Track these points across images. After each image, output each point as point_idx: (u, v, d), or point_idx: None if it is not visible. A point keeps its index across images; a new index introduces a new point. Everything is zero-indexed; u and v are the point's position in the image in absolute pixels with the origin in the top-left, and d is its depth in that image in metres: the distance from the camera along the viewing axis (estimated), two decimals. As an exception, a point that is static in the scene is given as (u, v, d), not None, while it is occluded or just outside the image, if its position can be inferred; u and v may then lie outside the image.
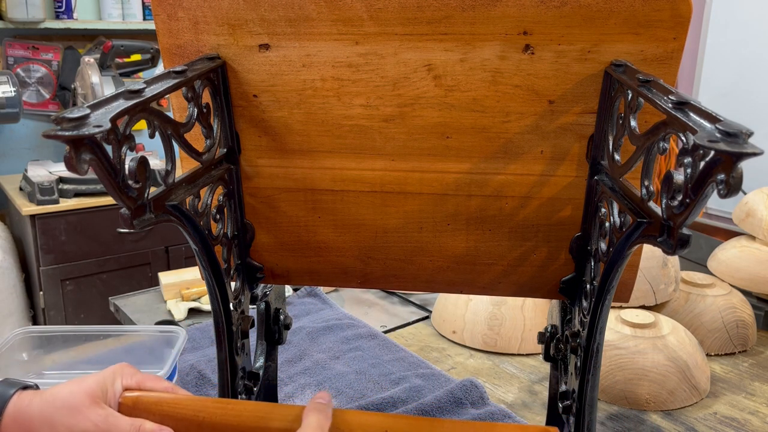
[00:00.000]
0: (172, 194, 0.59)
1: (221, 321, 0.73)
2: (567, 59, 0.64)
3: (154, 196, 0.55)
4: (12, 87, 2.21)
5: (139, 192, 0.52)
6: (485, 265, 0.76)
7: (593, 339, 0.67)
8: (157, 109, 0.55)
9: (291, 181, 0.74)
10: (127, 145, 0.49)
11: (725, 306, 1.20)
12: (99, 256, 2.43)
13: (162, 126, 0.57)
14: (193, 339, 1.25)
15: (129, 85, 0.53)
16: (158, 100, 0.55)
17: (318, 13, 0.65)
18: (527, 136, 0.68)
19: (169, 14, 0.67)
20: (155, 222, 0.55)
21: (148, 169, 0.53)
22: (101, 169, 0.47)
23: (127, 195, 0.51)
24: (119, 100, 0.50)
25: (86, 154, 0.44)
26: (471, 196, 0.72)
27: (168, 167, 0.58)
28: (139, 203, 0.52)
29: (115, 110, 0.48)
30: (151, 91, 0.54)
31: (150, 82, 0.56)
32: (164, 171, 0.58)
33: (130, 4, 2.68)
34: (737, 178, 0.41)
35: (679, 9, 0.61)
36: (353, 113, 0.69)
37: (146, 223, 0.54)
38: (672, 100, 0.50)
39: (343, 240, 0.77)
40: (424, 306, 1.42)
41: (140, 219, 0.53)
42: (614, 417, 1.01)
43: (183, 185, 0.62)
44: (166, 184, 0.58)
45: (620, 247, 0.59)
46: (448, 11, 0.64)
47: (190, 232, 0.63)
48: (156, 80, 0.58)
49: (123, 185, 0.50)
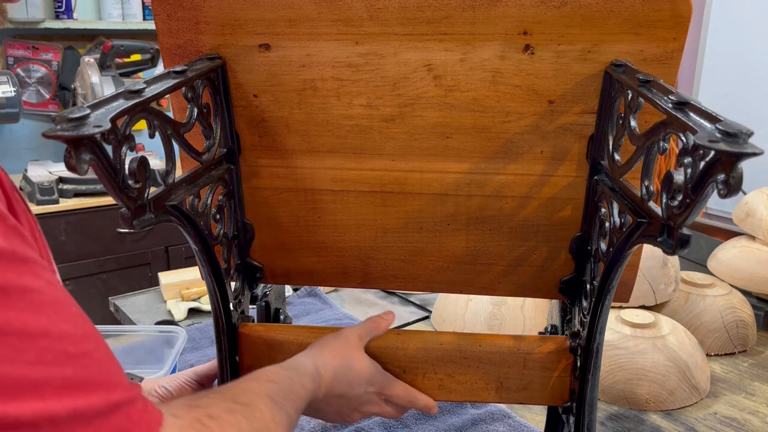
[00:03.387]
0: (171, 194, 0.59)
1: (221, 321, 0.73)
2: (567, 59, 0.64)
3: (153, 196, 0.55)
4: (12, 87, 2.21)
5: (139, 192, 0.52)
6: (485, 265, 0.76)
7: (593, 339, 0.67)
8: (156, 109, 0.55)
9: (291, 181, 0.74)
10: (127, 145, 0.49)
11: (725, 306, 1.20)
12: (99, 256, 2.42)
13: (162, 126, 0.57)
14: (193, 339, 1.24)
15: (129, 85, 0.53)
16: (158, 100, 0.55)
17: (318, 13, 0.65)
18: (527, 136, 0.68)
19: (169, 14, 0.67)
20: (155, 222, 0.55)
21: (148, 169, 0.53)
22: (101, 169, 0.47)
23: (127, 195, 0.51)
24: (119, 100, 0.50)
25: (86, 154, 0.44)
26: (471, 196, 0.72)
27: (168, 167, 0.58)
28: (139, 203, 0.52)
29: (115, 110, 0.48)
30: (151, 91, 0.54)
31: (150, 82, 0.56)
32: (164, 171, 0.58)
33: (130, 4, 2.68)
34: (737, 178, 0.41)
35: (679, 9, 0.61)
36: (353, 113, 0.69)
37: (146, 223, 0.54)
38: (672, 100, 0.50)
39: (343, 240, 0.77)
40: (424, 306, 1.42)
41: (140, 219, 0.53)
42: (614, 417, 1.01)
43: (183, 185, 0.62)
44: (166, 184, 0.58)
45: (620, 247, 0.59)
46: (448, 11, 0.64)
47: (190, 232, 0.63)
48: (156, 80, 0.58)
49: (123, 185, 0.50)
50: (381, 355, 0.75)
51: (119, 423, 0.42)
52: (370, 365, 0.72)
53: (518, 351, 0.74)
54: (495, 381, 0.75)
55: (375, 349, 0.75)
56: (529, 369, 0.75)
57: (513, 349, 0.74)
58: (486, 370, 0.75)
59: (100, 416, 0.41)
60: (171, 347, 1.08)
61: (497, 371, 0.75)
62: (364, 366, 0.72)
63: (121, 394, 0.43)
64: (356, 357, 0.72)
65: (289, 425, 0.59)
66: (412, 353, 0.75)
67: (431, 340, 0.76)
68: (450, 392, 0.77)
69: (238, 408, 0.53)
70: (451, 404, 1.02)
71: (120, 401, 0.42)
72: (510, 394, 0.76)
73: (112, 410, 0.41)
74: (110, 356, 0.44)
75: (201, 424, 0.49)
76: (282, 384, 0.61)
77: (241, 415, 0.53)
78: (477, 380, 0.75)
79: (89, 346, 0.42)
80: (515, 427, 0.97)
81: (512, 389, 0.76)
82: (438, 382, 0.76)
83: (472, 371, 0.75)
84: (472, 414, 1.00)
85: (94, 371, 0.42)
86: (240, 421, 0.52)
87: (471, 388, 0.76)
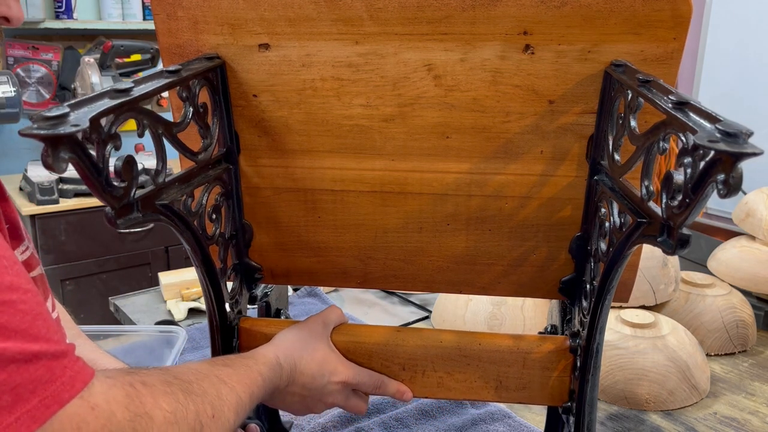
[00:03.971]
0: (162, 193, 0.59)
1: (215, 320, 0.73)
2: (567, 59, 0.64)
3: (142, 195, 0.55)
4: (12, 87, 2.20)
5: (125, 191, 0.52)
6: (485, 265, 0.76)
7: (593, 339, 0.67)
8: (146, 108, 0.55)
9: (291, 181, 0.74)
10: (112, 144, 0.49)
11: (725, 306, 1.20)
12: (99, 256, 2.42)
13: (152, 125, 0.57)
14: (193, 339, 1.24)
15: (117, 84, 0.53)
16: (148, 99, 0.55)
17: (318, 12, 0.65)
18: (527, 136, 0.68)
19: (168, 14, 0.67)
20: (143, 221, 0.55)
21: (134, 168, 0.53)
22: (82, 168, 0.46)
23: (111, 194, 0.50)
24: (104, 99, 0.50)
25: (65, 153, 0.44)
26: (471, 196, 0.72)
27: (158, 167, 0.58)
28: (125, 202, 0.52)
29: (96, 110, 0.48)
30: (140, 90, 0.54)
31: (139, 81, 0.56)
32: (154, 170, 0.57)
33: (130, 4, 2.68)
34: (737, 178, 0.41)
35: (680, 9, 0.61)
36: (353, 113, 0.69)
37: (132, 222, 0.54)
38: (672, 100, 0.50)
39: (342, 240, 0.77)
40: (424, 306, 1.42)
41: (126, 218, 0.53)
42: (614, 417, 1.01)
43: (176, 185, 0.62)
44: (156, 184, 0.58)
45: (620, 247, 0.59)
46: (448, 11, 0.63)
47: (183, 232, 0.63)
48: (146, 79, 0.57)
49: (107, 184, 0.49)
50: (380, 352, 0.75)
51: (38, 374, 0.42)
52: (332, 356, 0.73)
53: (518, 350, 0.74)
54: (494, 380, 0.75)
55: (374, 346, 0.76)
56: (529, 368, 0.75)
57: (512, 349, 0.74)
58: (485, 368, 0.75)
59: (14, 362, 0.41)
60: (171, 347, 1.08)
61: (496, 370, 0.75)
62: (326, 357, 0.72)
63: (44, 347, 0.43)
64: (319, 347, 0.72)
65: (239, 407, 0.59)
66: (412, 351, 0.76)
67: (431, 338, 0.76)
68: (449, 390, 0.77)
69: (176, 382, 0.53)
70: (452, 404, 1.02)
71: (41, 353, 0.43)
72: (509, 393, 0.76)
73: (29, 360, 0.42)
74: (40, 311, 0.45)
75: (132, 387, 0.49)
76: (237, 369, 0.61)
77: (178, 388, 0.53)
78: (476, 379, 0.76)
79: (13, 296, 0.43)
80: (515, 427, 0.97)
81: (511, 388, 0.76)
82: (437, 379, 0.76)
83: (471, 370, 0.75)
84: (472, 414, 1.00)
85: (14, 319, 0.42)
86: (175, 393, 0.52)
87: (470, 386, 0.76)
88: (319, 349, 0.72)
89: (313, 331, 0.73)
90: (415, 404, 1.01)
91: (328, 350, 0.73)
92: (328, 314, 0.77)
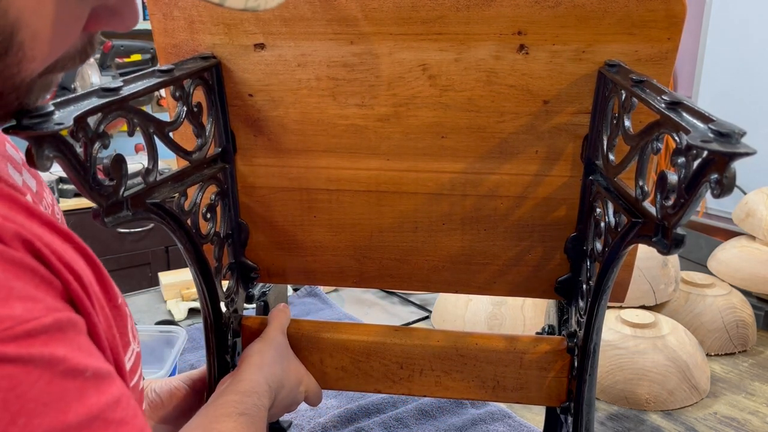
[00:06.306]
0: (154, 192, 0.59)
1: (209, 319, 0.73)
2: (561, 59, 0.64)
3: (132, 194, 0.55)
4: (13, 87, 2.21)
5: (114, 189, 0.52)
6: (480, 265, 0.76)
7: (590, 339, 0.67)
8: (135, 107, 0.55)
9: (286, 180, 0.74)
10: (100, 142, 0.49)
11: (725, 306, 1.20)
12: (99, 256, 2.36)
13: (143, 124, 0.57)
14: (193, 339, 1.25)
15: (105, 83, 0.53)
16: (141, 99, 0.55)
17: (313, 12, 0.65)
18: (522, 136, 0.68)
19: (164, 13, 0.67)
20: (132, 219, 0.55)
21: (123, 166, 0.53)
22: (67, 166, 0.47)
23: (98, 192, 0.50)
24: (91, 98, 0.50)
25: (49, 151, 0.44)
26: (466, 195, 0.72)
27: (149, 165, 0.58)
28: (113, 200, 0.52)
29: (82, 108, 0.48)
30: (129, 89, 0.54)
31: (129, 80, 0.56)
32: (144, 169, 0.58)
33: (131, 5, 2.69)
34: (730, 178, 0.41)
35: (674, 9, 0.60)
36: (348, 113, 0.69)
37: (122, 221, 0.54)
38: (665, 100, 0.50)
39: (338, 239, 0.77)
40: (424, 306, 1.42)
41: (115, 216, 0.53)
42: (614, 417, 1.01)
43: (168, 183, 0.62)
44: (146, 182, 0.58)
45: (615, 247, 0.59)
46: (442, 11, 0.63)
47: (174, 230, 0.63)
48: (137, 79, 0.57)
49: (94, 183, 0.50)
50: (378, 350, 0.76)
51: None
52: (300, 367, 0.77)
53: (514, 351, 0.74)
54: (491, 380, 0.75)
55: (372, 345, 0.76)
56: (526, 369, 0.75)
57: (509, 349, 0.74)
58: (482, 368, 0.75)
59: None
60: (171, 347, 1.09)
61: (493, 370, 0.75)
62: (297, 368, 0.76)
63: None
64: (291, 361, 0.76)
65: None
66: (410, 350, 0.76)
67: (428, 337, 0.76)
68: (446, 390, 0.77)
69: None
70: (451, 404, 1.02)
71: None
72: (506, 393, 0.76)
73: None
74: None
75: None
76: (251, 413, 0.63)
77: None
78: (473, 378, 0.76)
79: None
80: (515, 427, 0.97)
81: (509, 388, 0.76)
82: (435, 379, 0.76)
83: (468, 369, 0.75)
84: (472, 414, 1.00)
85: None
86: None
87: (467, 386, 0.76)
88: (292, 363, 0.76)
89: (281, 344, 0.75)
90: (415, 404, 1.01)
91: (296, 361, 0.77)
92: (281, 320, 0.78)
